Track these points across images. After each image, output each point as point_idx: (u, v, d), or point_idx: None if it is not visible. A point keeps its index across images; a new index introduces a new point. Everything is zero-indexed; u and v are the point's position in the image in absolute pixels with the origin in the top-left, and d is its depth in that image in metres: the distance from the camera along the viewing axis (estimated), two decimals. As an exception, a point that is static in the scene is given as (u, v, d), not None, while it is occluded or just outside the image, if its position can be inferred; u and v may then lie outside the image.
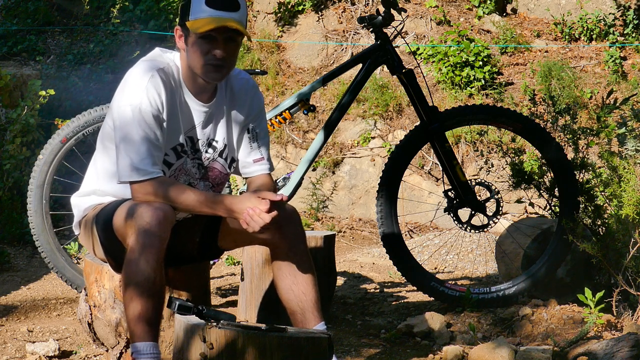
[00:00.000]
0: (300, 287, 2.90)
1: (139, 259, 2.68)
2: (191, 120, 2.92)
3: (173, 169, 2.93)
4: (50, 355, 3.51)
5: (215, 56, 2.81)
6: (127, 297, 2.70)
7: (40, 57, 7.81)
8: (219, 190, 3.08)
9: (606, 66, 7.47)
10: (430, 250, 5.85)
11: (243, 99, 3.03)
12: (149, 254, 2.69)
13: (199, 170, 2.99)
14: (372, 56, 4.05)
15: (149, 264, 2.68)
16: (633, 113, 4.12)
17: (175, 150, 2.91)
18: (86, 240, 3.08)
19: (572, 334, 3.49)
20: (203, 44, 2.80)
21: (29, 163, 5.99)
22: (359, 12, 8.23)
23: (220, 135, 2.99)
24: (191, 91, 2.91)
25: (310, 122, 7.54)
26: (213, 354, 2.36)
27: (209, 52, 2.81)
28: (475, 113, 4.10)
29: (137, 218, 2.72)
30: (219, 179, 3.05)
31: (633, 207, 3.63)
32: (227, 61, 2.84)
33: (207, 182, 3.02)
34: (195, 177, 2.98)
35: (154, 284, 2.69)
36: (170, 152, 2.91)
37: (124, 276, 2.72)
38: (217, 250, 3.14)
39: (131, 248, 2.71)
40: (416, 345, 3.62)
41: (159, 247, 2.71)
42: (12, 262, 5.37)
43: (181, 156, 2.93)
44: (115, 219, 2.85)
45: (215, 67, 2.83)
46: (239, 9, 2.82)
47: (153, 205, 2.75)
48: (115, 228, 2.86)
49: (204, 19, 2.79)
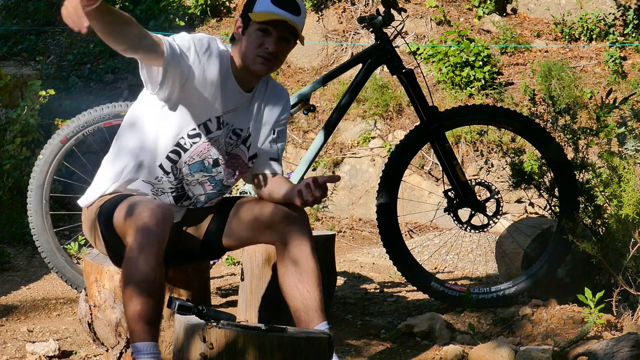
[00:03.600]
0: (306, 285, 2.92)
1: (138, 258, 2.70)
2: (232, 103, 3.02)
3: (210, 136, 3.00)
4: (50, 355, 3.51)
5: (267, 49, 2.93)
6: (127, 297, 2.71)
7: (40, 57, 7.82)
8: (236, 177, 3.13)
9: (606, 66, 7.47)
10: (430, 250, 5.85)
11: (278, 104, 3.15)
12: (148, 253, 2.70)
13: (225, 154, 3.07)
14: (372, 56, 4.05)
15: (148, 263, 2.69)
16: (633, 113, 4.12)
17: (218, 120, 3.00)
18: (89, 233, 3.10)
19: (572, 334, 3.49)
20: (259, 35, 2.94)
21: (29, 163, 5.99)
22: (359, 12, 8.23)
23: (246, 125, 3.08)
24: (237, 78, 3.01)
25: (310, 122, 7.54)
26: (213, 354, 2.36)
27: (262, 44, 2.94)
28: (475, 113, 4.10)
29: (136, 217, 2.74)
30: (241, 167, 3.12)
31: (633, 207, 3.63)
32: (276, 56, 2.97)
33: (231, 169, 3.10)
34: (223, 158, 3.06)
35: (153, 284, 2.70)
36: (214, 120, 3.00)
37: (123, 276, 2.73)
38: (220, 250, 3.16)
39: (130, 247, 2.73)
40: (416, 345, 3.62)
41: (158, 247, 2.72)
42: (12, 262, 5.37)
43: (220, 128, 3.01)
44: (116, 216, 2.87)
45: (264, 59, 2.95)
46: (300, 14, 2.99)
47: (152, 205, 2.77)
48: (115, 225, 2.88)
49: (269, 12, 2.93)
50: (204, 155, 3.02)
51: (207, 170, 3.05)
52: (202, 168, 3.04)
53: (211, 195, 3.11)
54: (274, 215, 2.97)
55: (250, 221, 3.03)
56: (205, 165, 3.04)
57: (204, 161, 3.03)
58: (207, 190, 3.09)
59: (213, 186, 3.09)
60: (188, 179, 3.03)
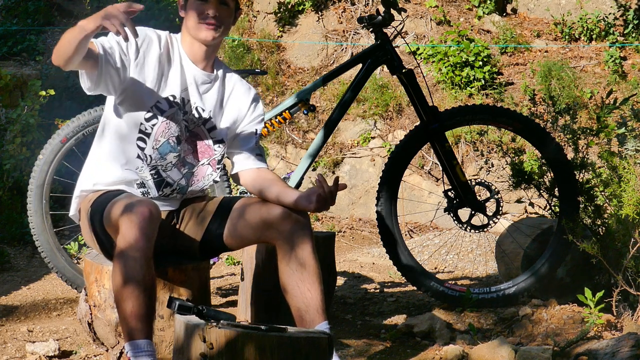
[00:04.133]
0: (307, 284, 2.93)
1: (127, 257, 2.72)
2: (184, 81, 3.09)
3: (165, 115, 3.06)
4: (50, 355, 3.51)
5: (208, 14, 3.02)
6: (118, 296, 2.73)
7: (40, 57, 7.82)
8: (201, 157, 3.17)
9: (606, 66, 7.47)
10: (430, 250, 5.85)
11: (245, 99, 3.20)
12: (136, 251, 2.72)
13: (186, 131, 3.12)
14: (372, 56, 4.05)
15: (136, 261, 2.71)
16: (633, 113, 4.12)
17: (167, 100, 3.07)
18: (86, 232, 3.13)
19: (572, 334, 3.49)
20: (198, 5, 3.04)
21: (29, 163, 5.99)
22: (359, 12, 8.23)
23: (208, 106, 3.14)
24: (189, 56, 3.10)
25: (310, 122, 7.54)
26: (213, 354, 2.36)
27: (203, 12, 3.03)
28: (475, 113, 4.10)
29: (123, 215, 2.77)
30: (202, 147, 3.16)
31: (633, 207, 3.63)
32: (220, 21, 3.05)
33: (191, 146, 3.14)
34: (183, 135, 3.11)
35: (143, 281, 2.71)
36: (163, 101, 3.06)
37: (113, 277, 2.75)
38: (220, 249, 3.17)
39: (119, 246, 2.75)
40: (416, 345, 3.62)
41: (146, 246, 2.74)
42: (12, 262, 5.37)
43: (173, 106, 3.07)
44: (106, 215, 2.92)
45: (208, 25, 3.04)
46: None
47: (138, 202, 2.81)
48: (106, 224, 2.93)
49: None
50: (166, 134, 3.08)
51: (174, 149, 3.10)
52: (170, 149, 3.09)
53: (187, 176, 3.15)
54: (279, 215, 2.98)
55: (256, 222, 3.03)
56: (171, 145, 3.09)
57: (169, 140, 3.09)
58: (182, 172, 3.13)
59: (187, 168, 3.14)
60: (162, 163, 3.09)
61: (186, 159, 3.13)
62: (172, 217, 3.17)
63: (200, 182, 3.18)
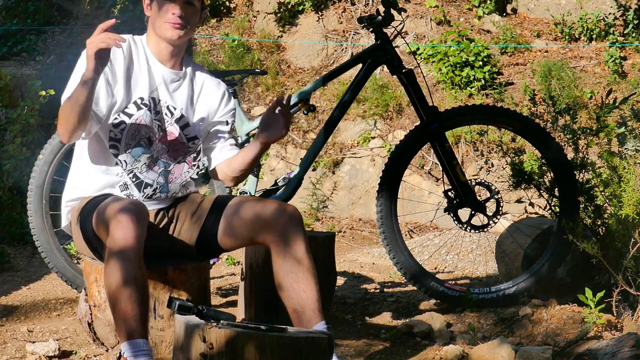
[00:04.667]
0: (302, 285, 2.91)
1: (117, 260, 2.71)
2: (153, 81, 3.11)
3: (133, 119, 3.05)
4: (50, 355, 3.51)
5: (174, 14, 3.03)
6: (111, 297, 2.72)
7: (40, 57, 7.82)
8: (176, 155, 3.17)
9: (606, 66, 7.47)
10: (430, 250, 5.85)
11: (215, 93, 3.23)
12: (126, 252, 2.71)
13: (159, 131, 3.12)
14: (372, 56, 4.05)
15: (128, 262, 2.70)
16: (633, 113, 4.12)
17: (135, 103, 3.07)
18: (77, 239, 3.12)
19: (572, 334, 3.49)
20: (163, 5, 3.06)
21: (29, 163, 5.99)
22: (359, 12, 8.23)
23: (179, 104, 3.15)
24: (155, 56, 3.12)
25: (310, 122, 7.54)
26: (213, 354, 2.36)
27: (169, 11, 3.04)
28: (475, 113, 4.10)
29: (111, 218, 2.77)
30: (176, 145, 3.16)
31: (633, 207, 3.63)
32: (185, 21, 3.06)
33: (164, 145, 3.14)
34: (155, 135, 3.11)
35: (135, 281, 2.70)
36: (131, 106, 3.06)
37: (105, 279, 2.74)
38: (216, 249, 3.16)
39: (109, 248, 2.74)
40: (416, 345, 3.62)
41: (136, 246, 2.73)
42: (12, 262, 5.37)
43: (140, 108, 3.06)
44: (95, 220, 2.92)
45: (173, 25, 3.05)
46: None
47: (125, 203, 2.80)
48: (96, 230, 2.93)
49: None
50: (136, 137, 3.08)
51: (147, 151, 3.10)
52: (142, 151, 3.09)
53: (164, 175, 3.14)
54: (272, 214, 2.97)
55: (250, 219, 3.02)
56: (143, 147, 3.09)
57: (140, 142, 3.09)
58: (158, 172, 3.13)
59: (160, 167, 3.14)
60: (137, 166, 3.08)
61: (160, 158, 3.13)
62: (163, 216, 3.16)
63: (178, 179, 3.18)
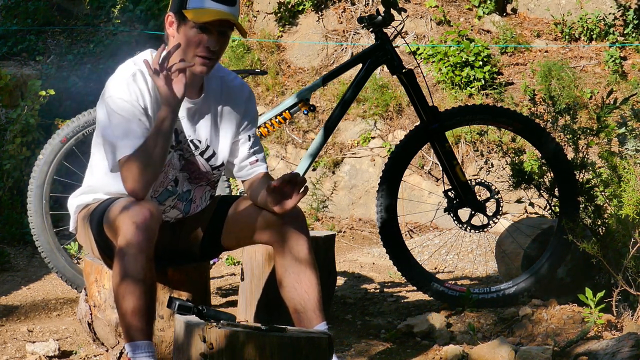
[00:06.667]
0: (304, 285, 2.89)
1: (128, 257, 2.67)
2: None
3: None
4: (50, 355, 3.51)
5: (208, 48, 2.82)
6: (119, 296, 2.69)
7: (40, 57, 7.82)
8: (198, 182, 3.07)
9: (606, 66, 7.47)
10: (430, 250, 5.85)
11: (239, 104, 3.04)
12: (137, 251, 2.67)
13: (180, 161, 3.00)
14: (372, 56, 4.05)
15: (138, 261, 2.67)
16: (633, 113, 4.12)
17: None
18: (84, 240, 3.09)
19: (572, 334, 3.49)
20: (196, 33, 2.81)
21: (29, 163, 5.99)
22: (359, 12, 8.23)
23: (204, 135, 2.99)
24: None
25: (310, 122, 7.54)
26: (213, 354, 2.36)
27: (201, 43, 2.82)
28: (475, 113, 4.10)
29: (124, 216, 2.71)
30: (198, 173, 3.04)
31: (633, 207, 3.63)
32: (217, 55, 2.87)
33: (186, 173, 3.03)
34: (177, 168, 3.00)
35: (144, 281, 2.68)
36: None
37: (113, 276, 2.71)
38: (219, 249, 3.15)
39: (120, 246, 2.70)
40: (416, 345, 3.62)
41: (147, 245, 2.69)
42: (12, 262, 5.37)
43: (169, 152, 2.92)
44: (105, 219, 2.85)
45: (204, 59, 2.84)
46: (235, 4, 2.86)
47: (139, 203, 2.75)
48: (106, 229, 2.86)
49: (205, 9, 2.80)
50: (164, 183, 2.99)
51: (173, 193, 3.02)
52: (168, 194, 3.02)
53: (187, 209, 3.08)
54: (273, 214, 2.93)
55: (253, 219, 2.98)
56: (170, 190, 3.01)
57: (168, 187, 3.01)
58: (181, 208, 3.07)
59: (183, 201, 3.06)
60: (161, 208, 2.98)
61: (184, 192, 3.05)
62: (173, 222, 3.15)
63: (198, 201, 3.10)
